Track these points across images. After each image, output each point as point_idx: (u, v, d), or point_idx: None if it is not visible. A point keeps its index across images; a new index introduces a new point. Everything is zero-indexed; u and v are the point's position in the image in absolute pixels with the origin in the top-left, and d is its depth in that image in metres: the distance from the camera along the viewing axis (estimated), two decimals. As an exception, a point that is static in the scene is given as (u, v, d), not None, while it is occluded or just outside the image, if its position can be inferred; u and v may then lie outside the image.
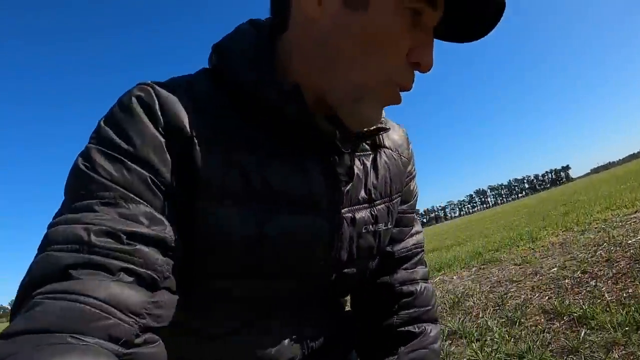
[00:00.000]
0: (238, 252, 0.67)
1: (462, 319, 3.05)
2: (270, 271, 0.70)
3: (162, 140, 0.63)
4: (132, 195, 0.58)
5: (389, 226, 0.87)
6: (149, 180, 0.60)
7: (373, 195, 0.83)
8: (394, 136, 0.92)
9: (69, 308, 0.47)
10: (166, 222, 0.60)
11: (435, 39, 0.71)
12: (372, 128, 0.79)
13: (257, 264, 0.68)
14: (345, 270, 0.80)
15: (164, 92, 0.66)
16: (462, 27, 0.72)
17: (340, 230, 0.77)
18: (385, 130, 0.83)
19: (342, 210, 0.77)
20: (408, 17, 0.65)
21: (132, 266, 0.53)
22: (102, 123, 0.64)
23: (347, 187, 0.77)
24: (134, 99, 0.64)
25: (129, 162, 0.60)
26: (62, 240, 0.52)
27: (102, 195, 0.57)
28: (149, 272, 0.55)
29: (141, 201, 0.59)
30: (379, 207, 0.84)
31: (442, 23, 0.70)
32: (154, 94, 0.65)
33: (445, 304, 3.67)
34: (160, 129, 0.63)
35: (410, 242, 0.98)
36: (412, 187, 0.98)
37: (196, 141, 0.65)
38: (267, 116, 0.69)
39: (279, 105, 0.67)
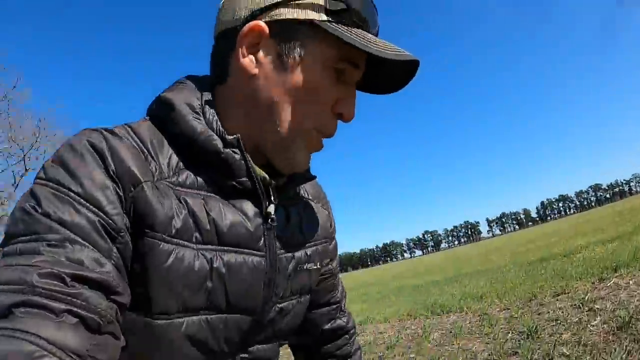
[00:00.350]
0: (192, 289, 0.71)
1: (628, 348, 2.59)
2: (218, 306, 0.75)
3: (112, 184, 0.65)
4: (78, 238, 0.59)
5: (318, 266, 0.95)
6: (97, 223, 0.62)
7: (305, 238, 0.91)
8: (312, 189, 1.03)
9: (12, 344, 0.48)
10: (111, 267, 0.61)
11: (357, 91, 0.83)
12: (302, 177, 0.89)
13: (207, 299, 0.73)
14: (283, 305, 0.87)
15: (112, 138, 0.69)
16: (381, 82, 0.83)
17: (277, 268, 0.83)
18: (313, 177, 0.93)
19: (279, 250, 0.84)
20: (334, 74, 0.76)
21: (75, 309, 0.54)
22: (49, 165, 0.66)
23: (281, 230, 0.84)
24: (84, 143, 0.67)
25: (77, 205, 0.61)
26: (6, 281, 0.53)
27: (47, 237, 0.58)
28: (92, 315, 0.55)
29: (87, 244, 0.60)
30: (311, 248, 0.93)
31: (364, 78, 0.82)
32: (103, 139, 0.68)
33: (612, 322, 3.15)
34: (110, 172, 0.66)
35: (341, 286, 1.16)
36: (336, 242, 1.09)
37: (146, 186, 0.68)
38: (209, 163, 0.75)
39: (223, 153, 0.73)
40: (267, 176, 0.80)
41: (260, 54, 0.75)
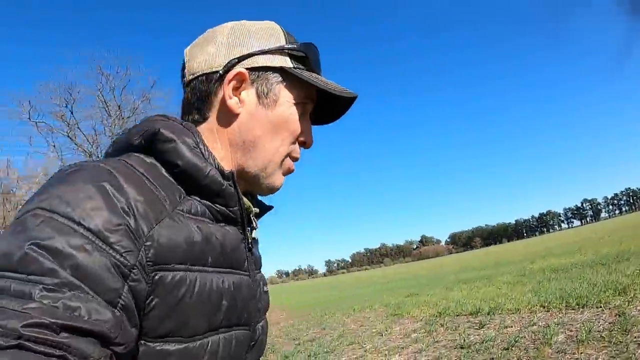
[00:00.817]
0: (214, 309, 0.73)
1: None
2: (231, 323, 0.77)
3: (125, 220, 0.61)
4: (79, 283, 0.55)
5: (267, 289, 0.99)
6: (109, 262, 0.58)
7: (260, 262, 0.97)
8: None
9: None
10: (110, 315, 0.56)
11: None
12: (266, 206, 0.97)
13: (224, 317, 0.75)
14: (262, 323, 0.93)
15: (119, 173, 0.66)
16: (325, 113, 0.97)
17: (256, 286, 0.88)
18: (271, 207, 0.99)
19: (255, 271, 0.88)
20: (299, 109, 0.87)
21: (67, 354, 0.51)
22: (55, 195, 0.59)
23: (252, 254, 0.88)
24: (93, 178, 0.63)
25: (87, 242, 0.56)
26: None
27: (45, 280, 0.53)
28: None
29: (88, 290, 0.55)
30: (262, 272, 0.98)
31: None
32: (111, 175, 0.64)
33: None
34: (124, 209, 0.62)
35: None
36: None
37: (165, 222, 0.66)
38: (208, 193, 0.76)
39: (221, 185, 0.76)
40: (251, 205, 0.88)
41: (243, 95, 0.83)
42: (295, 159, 0.91)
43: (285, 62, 0.85)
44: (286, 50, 0.85)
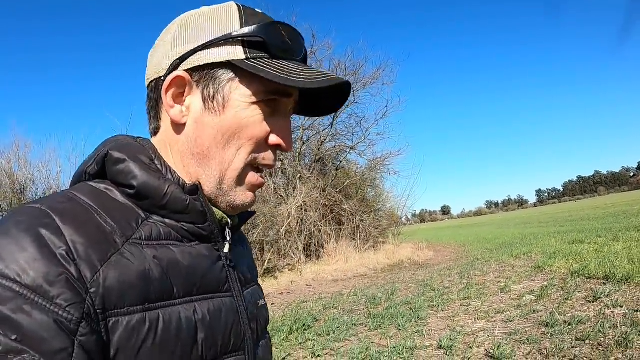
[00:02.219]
0: (187, 346, 0.60)
1: None
2: (214, 354, 0.64)
3: (66, 269, 0.51)
4: (22, 347, 0.46)
5: (264, 303, 0.84)
6: (52, 321, 0.48)
7: (251, 275, 0.82)
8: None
9: None
10: None
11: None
12: (247, 213, 0.79)
13: (202, 351, 0.62)
14: (260, 343, 0.77)
15: (58, 214, 0.55)
16: (321, 105, 0.76)
17: (246, 305, 0.73)
18: (254, 213, 0.85)
19: (242, 288, 0.74)
20: (265, 107, 0.67)
21: None
22: None
23: (236, 269, 0.74)
24: (26, 225, 0.52)
25: (24, 302, 0.48)
26: None
27: None
28: None
29: (34, 353, 0.46)
30: (256, 285, 0.83)
31: (303, 101, 0.75)
32: (48, 217, 0.54)
33: None
34: (64, 256, 0.51)
35: None
36: None
37: (113, 261, 0.55)
38: (171, 212, 0.65)
39: (185, 202, 0.64)
40: (225, 216, 0.72)
41: (187, 102, 0.68)
42: (266, 167, 0.73)
43: (235, 53, 0.65)
44: (238, 38, 0.65)
